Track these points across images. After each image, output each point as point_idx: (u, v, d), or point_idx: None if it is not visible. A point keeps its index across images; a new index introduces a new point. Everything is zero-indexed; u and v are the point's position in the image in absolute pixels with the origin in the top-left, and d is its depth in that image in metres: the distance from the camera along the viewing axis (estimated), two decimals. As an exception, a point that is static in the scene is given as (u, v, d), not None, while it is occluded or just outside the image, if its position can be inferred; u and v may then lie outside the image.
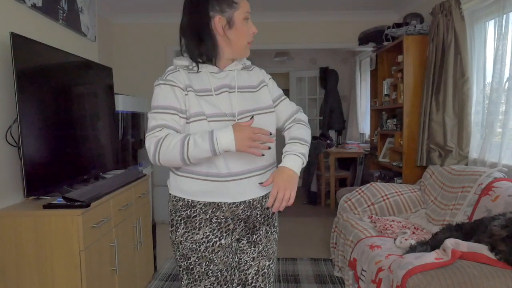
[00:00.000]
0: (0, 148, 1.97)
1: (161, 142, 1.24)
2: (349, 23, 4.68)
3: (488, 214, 2.13)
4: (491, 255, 1.64)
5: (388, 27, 3.76)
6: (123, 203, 2.33)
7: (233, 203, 1.32)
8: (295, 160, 1.31)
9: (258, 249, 1.44)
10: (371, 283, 2.05)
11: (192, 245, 1.33)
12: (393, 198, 3.00)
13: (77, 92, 2.45)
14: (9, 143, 2.01)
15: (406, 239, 2.25)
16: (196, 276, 1.35)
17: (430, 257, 1.69)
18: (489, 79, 2.80)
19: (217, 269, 1.34)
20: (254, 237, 1.44)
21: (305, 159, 1.35)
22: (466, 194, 2.46)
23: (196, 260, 1.33)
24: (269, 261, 1.47)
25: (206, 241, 1.32)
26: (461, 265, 1.61)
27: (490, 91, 2.69)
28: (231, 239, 1.37)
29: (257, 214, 1.40)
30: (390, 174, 3.96)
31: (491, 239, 1.68)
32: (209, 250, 1.33)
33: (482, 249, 1.67)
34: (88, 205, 1.86)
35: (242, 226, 1.39)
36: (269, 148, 1.25)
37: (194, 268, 1.34)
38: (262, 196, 1.38)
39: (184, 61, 1.35)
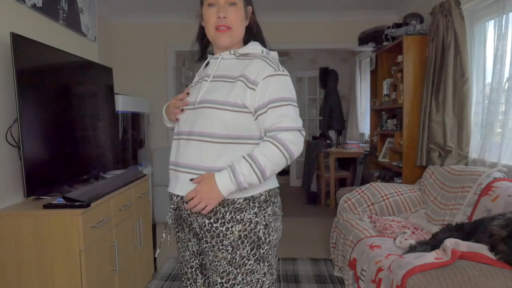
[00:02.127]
0: (0, 148, 1.97)
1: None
2: (349, 23, 4.68)
3: (488, 214, 2.13)
4: (491, 255, 1.64)
5: (388, 27, 3.77)
6: (123, 203, 2.33)
7: (169, 194, 1.36)
8: (227, 183, 1.17)
9: (209, 260, 1.29)
10: (371, 283, 2.05)
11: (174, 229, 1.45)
12: (393, 198, 3.00)
13: (77, 92, 2.45)
14: (9, 143, 2.01)
15: (406, 239, 2.25)
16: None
17: (430, 257, 1.69)
18: (489, 79, 2.80)
19: (179, 260, 1.43)
20: (202, 245, 1.30)
21: (238, 188, 1.18)
22: (466, 194, 2.46)
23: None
24: (221, 279, 1.25)
25: (174, 227, 1.43)
26: (461, 265, 1.61)
27: (490, 91, 2.69)
28: (185, 236, 1.38)
29: (186, 217, 1.31)
30: (390, 174, 3.96)
31: (491, 239, 1.68)
32: (175, 238, 1.44)
33: (482, 249, 1.68)
34: (88, 205, 1.86)
35: (184, 225, 1.36)
36: (182, 110, 1.32)
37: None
38: (182, 200, 1.29)
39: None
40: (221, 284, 1.26)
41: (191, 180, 1.24)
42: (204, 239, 1.28)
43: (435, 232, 2.15)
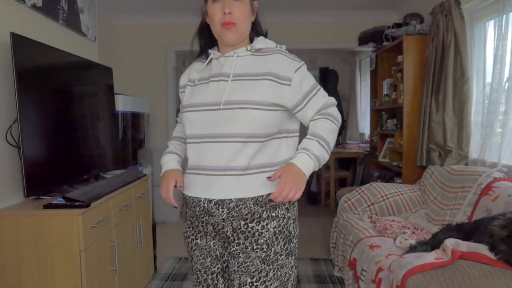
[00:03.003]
0: (0, 148, 1.98)
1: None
2: (349, 23, 4.68)
3: (488, 214, 2.14)
4: (491, 255, 1.64)
5: (388, 27, 3.77)
6: (123, 203, 2.33)
7: (192, 202, 1.31)
8: (307, 161, 1.20)
9: (237, 263, 1.28)
10: (371, 283, 2.05)
11: (184, 239, 1.43)
12: (393, 198, 3.00)
13: (77, 92, 2.45)
14: (9, 143, 2.01)
15: (406, 239, 2.25)
16: (190, 270, 1.45)
17: (430, 257, 1.69)
18: (489, 79, 2.80)
19: (196, 268, 1.39)
20: (231, 249, 1.29)
21: (318, 163, 1.22)
22: (466, 194, 2.46)
23: (187, 254, 1.47)
24: (252, 278, 1.26)
25: (187, 236, 1.39)
26: (461, 265, 1.61)
27: (490, 91, 2.69)
28: (206, 242, 1.34)
29: (220, 223, 1.27)
30: (390, 174, 3.96)
31: (491, 239, 1.68)
32: (189, 246, 1.39)
33: (482, 249, 1.67)
34: (88, 205, 1.86)
35: (213, 232, 1.32)
36: (176, 207, 1.38)
37: (189, 261, 1.47)
38: (217, 205, 1.25)
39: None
40: (251, 284, 1.26)
41: (268, 178, 1.20)
42: (236, 241, 1.27)
43: (435, 232, 2.15)
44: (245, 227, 1.25)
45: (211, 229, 1.32)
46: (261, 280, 1.26)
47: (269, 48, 1.30)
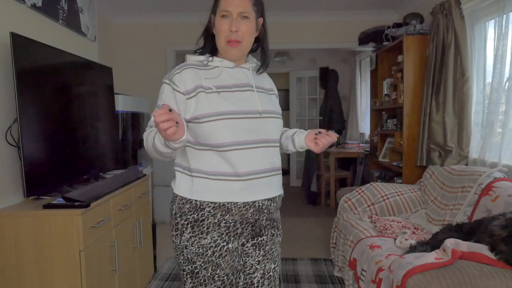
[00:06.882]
0: (0, 148, 1.97)
1: (145, 136, 1.31)
2: (349, 23, 4.68)
3: (488, 214, 2.13)
4: (491, 255, 1.64)
5: (388, 27, 3.77)
6: (123, 203, 2.33)
7: (243, 206, 1.29)
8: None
9: (263, 252, 1.42)
10: (371, 283, 2.05)
11: (199, 250, 1.29)
12: (393, 198, 3.00)
13: (77, 92, 2.45)
14: (9, 143, 2.01)
15: (406, 239, 2.25)
16: (202, 280, 1.32)
17: (430, 257, 1.69)
18: (489, 79, 2.80)
19: (223, 274, 1.31)
20: (259, 240, 1.41)
21: None
22: (466, 194, 2.46)
23: (202, 265, 1.30)
24: (274, 264, 1.45)
25: (214, 245, 1.29)
26: (461, 265, 1.61)
27: (490, 91, 2.69)
28: (238, 243, 1.35)
29: (264, 218, 1.38)
30: (390, 174, 3.96)
31: (491, 239, 1.68)
32: (216, 255, 1.30)
33: (482, 249, 1.67)
34: (88, 205, 1.86)
35: (249, 230, 1.37)
36: (177, 122, 1.06)
37: (200, 272, 1.31)
38: (270, 201, 1.35)
39: (199, 56, 1.39)
40: (273, 269, 1.44)
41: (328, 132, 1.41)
42: (268, 231, 1.42)
43: (435, 232, 2.15)
44: (276, 215, 1.45)
45: (250, 227, 1.36)
46: (277, 262, 1.46)
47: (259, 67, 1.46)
